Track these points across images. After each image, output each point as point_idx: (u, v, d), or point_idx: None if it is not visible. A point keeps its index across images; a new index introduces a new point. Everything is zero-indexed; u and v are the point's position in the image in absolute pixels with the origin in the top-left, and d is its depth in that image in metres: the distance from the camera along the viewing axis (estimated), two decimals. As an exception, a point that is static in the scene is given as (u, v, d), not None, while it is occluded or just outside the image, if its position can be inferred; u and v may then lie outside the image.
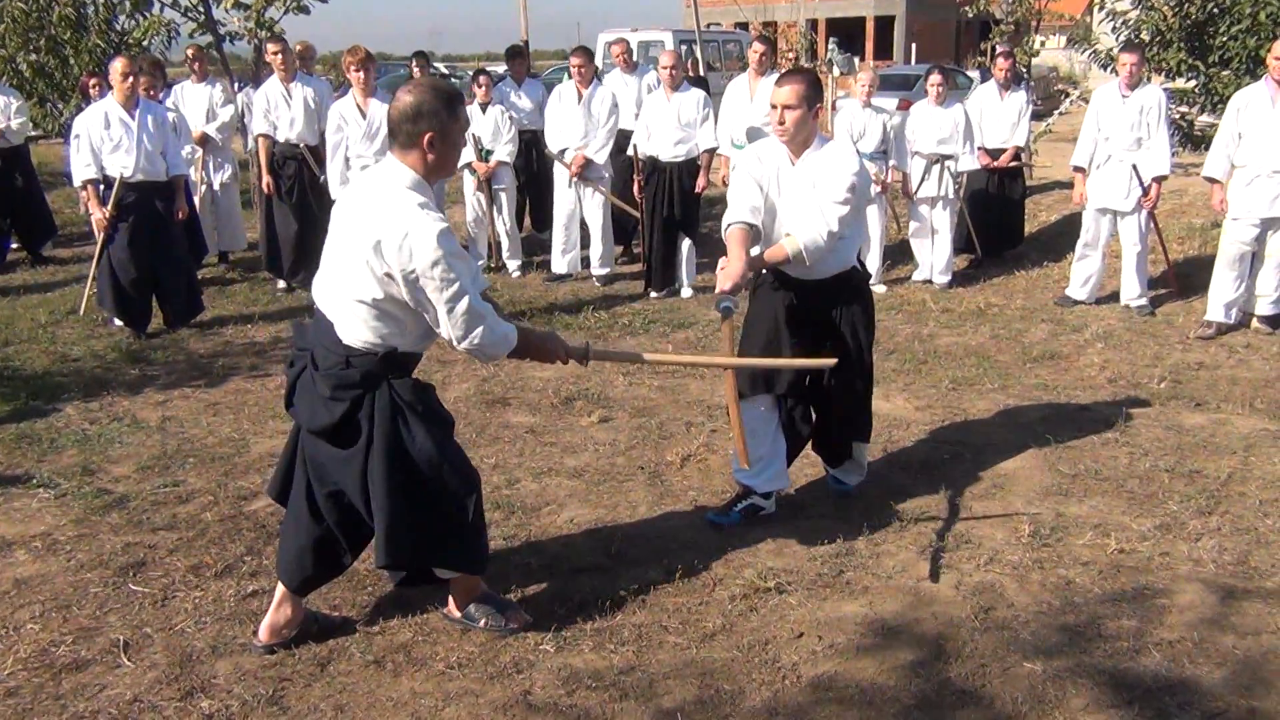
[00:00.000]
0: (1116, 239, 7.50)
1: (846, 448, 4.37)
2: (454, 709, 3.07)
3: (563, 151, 8.21)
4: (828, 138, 4.13)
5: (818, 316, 4.09)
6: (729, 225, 3.94)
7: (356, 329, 3.12)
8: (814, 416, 4.33)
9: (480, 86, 8.55)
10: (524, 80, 9.78)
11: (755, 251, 3.95)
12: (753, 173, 4.03)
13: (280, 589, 3.39)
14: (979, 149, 8.30)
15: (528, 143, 9.06)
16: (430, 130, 3.05)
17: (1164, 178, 7.18)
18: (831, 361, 3.92)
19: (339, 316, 3.15)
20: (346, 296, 3.11)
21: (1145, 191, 7.13)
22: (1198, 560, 3.86)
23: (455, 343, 3.11)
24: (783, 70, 4.88)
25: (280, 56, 7.94)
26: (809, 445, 4.42)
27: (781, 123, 3.91)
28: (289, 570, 3.36)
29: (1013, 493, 4.47)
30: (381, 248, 2.97)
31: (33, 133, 10.85)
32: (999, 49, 8.89)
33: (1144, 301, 7.46)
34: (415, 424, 3.18)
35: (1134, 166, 7.11)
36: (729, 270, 3.72)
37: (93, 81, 9.32)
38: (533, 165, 9.43)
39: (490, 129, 8.45)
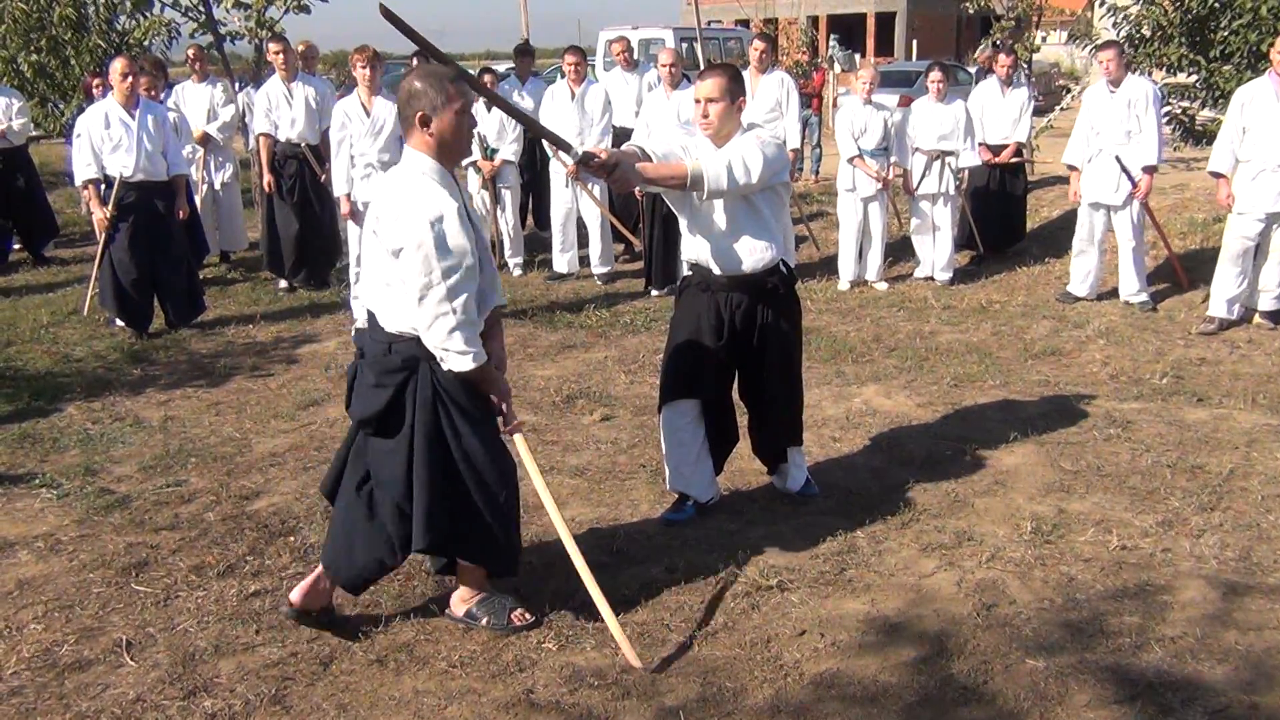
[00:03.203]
0: (1114, 233, 7.49)
1: (781, 453, 4.36)
2: (456, 708, 3.08)
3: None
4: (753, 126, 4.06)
5: (741, 320, 4.03)
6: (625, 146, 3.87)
7: (394, 314, 3.19)
8: (751, 422, 4.33)
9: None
10: (528, 79, 9.77)
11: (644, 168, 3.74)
12: (683, 136, 4.01)
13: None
14: (980, 145, 8.29)
15: (530, 141, 9.06)
16: (420, 109, 3.10)
17: (1154, 168, 7.18)
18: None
19: (378, 305, 3.23)
20: (380, 283, 3.19)
21: (1135, 183, 7.13)
22: (1200, 556, 3.85)
23: (422, 335, 3.13)
24: (784, 68, 4.90)
25: (282, 56, 7.95)
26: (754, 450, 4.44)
27: (706, 116, 3.89)
28: (338, 565, 3.38)
29: (1014, 489, 4.46)
30: (385, 222, 3.07)
31: (34, 133, 10.86)
32: (999, 44, 8.88)
33: (1144, 297, 7.44)
34: (455, 411, 3.23)
35: (1118, 159, 7.10)
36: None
37: (95, 81, 9.33)
38: (535, 164, 9.43)
39: (495, 127, 8.44)
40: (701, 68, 4.71)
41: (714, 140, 3.95)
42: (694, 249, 4.06)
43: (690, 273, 4.15)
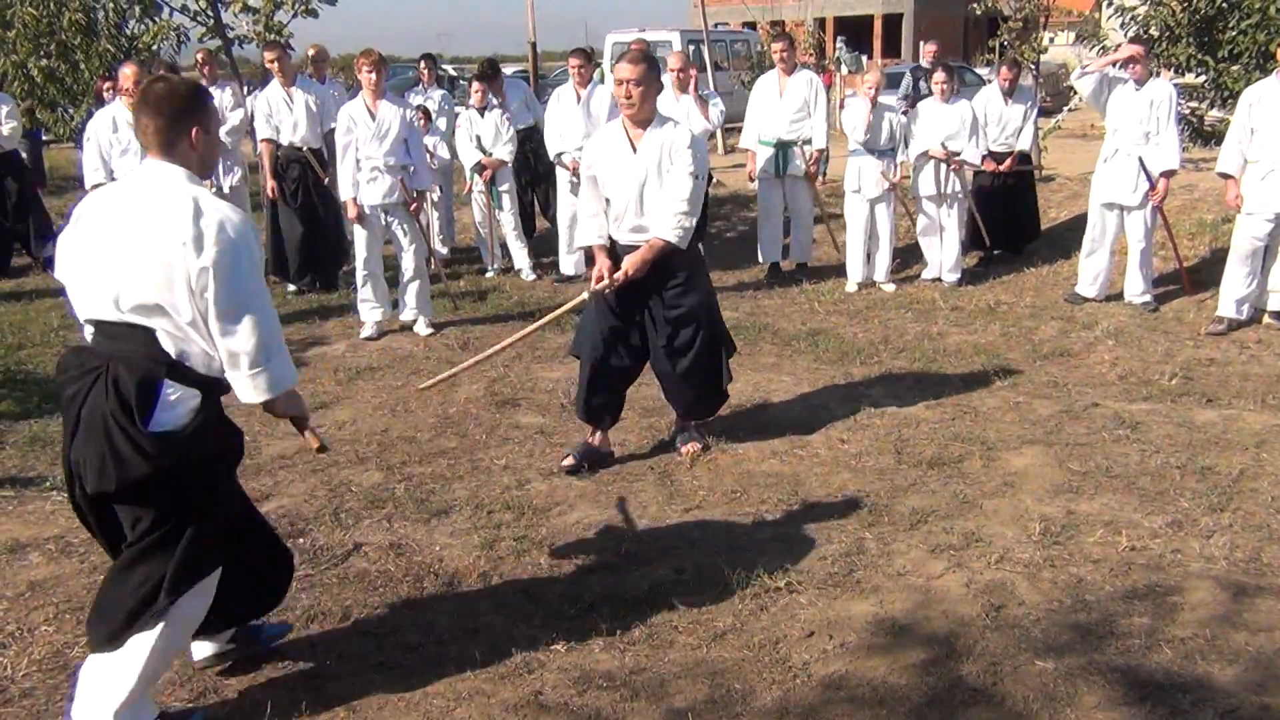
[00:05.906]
0: (1124, 235, 7.47)
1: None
2: (465, 709, 3.08)
3: (560, 155, 8.23)
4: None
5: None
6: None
7: None
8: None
9: (477, 91, 8.64)
10: (500, 92, 9.56)
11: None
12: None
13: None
14: (985, 157, 8.18)
15: (523, 140, 9.06)
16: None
17: (1173, 173, 7.16)
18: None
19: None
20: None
21: (1153, 186, 7.11)
22: (1210, 557, 3.84)
23: None
24: (804, 65, 5.42)
25: (277, 63, 7.98)
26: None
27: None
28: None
29: (1023, 490, 4.45)
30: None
31: (45, 137, 10.91)
32: (1004, 56, 8.83)
33: (1148, 298, 7.41)
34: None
35: (1140, 160, 7.08)
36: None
37: (106, 85, 9.37)
38: (536, 164, 9.40)
39: (491, 132, 8.55)
40: (709, 69, 4.76)
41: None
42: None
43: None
